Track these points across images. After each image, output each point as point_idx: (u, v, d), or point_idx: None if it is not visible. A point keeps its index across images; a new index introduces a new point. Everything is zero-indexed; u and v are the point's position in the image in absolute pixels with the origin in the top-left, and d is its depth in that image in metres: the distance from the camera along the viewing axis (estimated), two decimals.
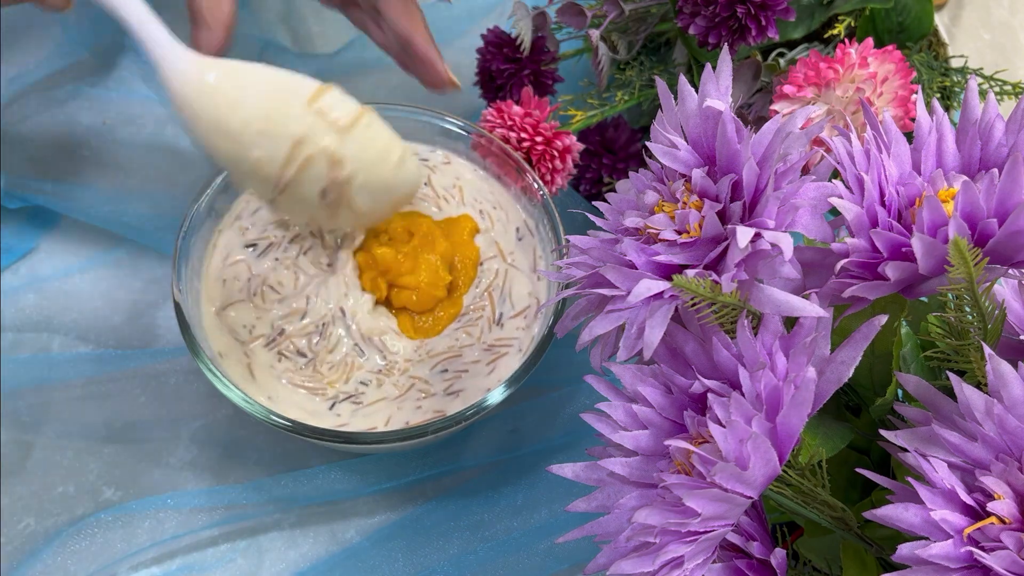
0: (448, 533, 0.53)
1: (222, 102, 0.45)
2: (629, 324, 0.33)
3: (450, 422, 0.47)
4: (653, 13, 0.61)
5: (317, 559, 0.53)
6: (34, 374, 0.56)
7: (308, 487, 0.54)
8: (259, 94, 0.46)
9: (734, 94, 0.56)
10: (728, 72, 0.35)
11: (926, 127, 0.34)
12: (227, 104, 0.45)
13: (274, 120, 0.46)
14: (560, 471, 0.34)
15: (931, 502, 0.28)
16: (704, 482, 0.30)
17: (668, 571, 0.30)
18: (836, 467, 0.37)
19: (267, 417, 0.47)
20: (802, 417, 0.29)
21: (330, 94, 0.47)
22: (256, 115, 0.46)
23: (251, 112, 0.45)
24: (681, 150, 0.35)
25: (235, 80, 0.46)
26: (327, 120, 0.47)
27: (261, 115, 0.46)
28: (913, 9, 0.60)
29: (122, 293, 0.60)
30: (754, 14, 0.52)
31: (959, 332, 0.32)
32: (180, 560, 0.53)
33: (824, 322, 0.31)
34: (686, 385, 0.33)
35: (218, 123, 0.45)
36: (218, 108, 0.45)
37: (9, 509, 0.53)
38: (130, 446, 0.55)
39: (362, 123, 0.48)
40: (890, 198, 0.32)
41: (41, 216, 0.62)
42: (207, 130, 0.46)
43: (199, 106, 0.45)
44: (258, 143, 0.46)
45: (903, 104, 0.53)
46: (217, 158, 0.47)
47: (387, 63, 0.65)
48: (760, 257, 0.32)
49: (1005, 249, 0.30)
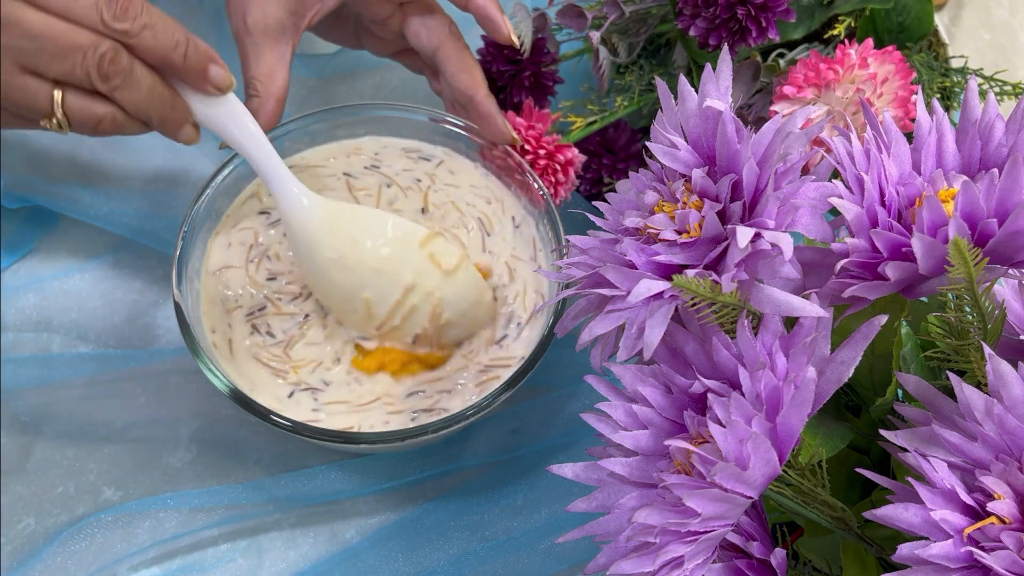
0: (448, 533, 0.53)
1: (344, 239, 0.49)
2: (629, 324, 0.33)
3: (450, 422, 0.47)
4: (653, 14, 0.61)
5: (317, 559, 0.53)
6: (34, 374, 0.56)
7: (308, 487, 0.54)
8: (379, 236, 0.49)
9: (734, 94, 0.56)
10: (728, 72, 0.35)
11: (926, 127, 0.34)
12: (348, 242, 0.49)
13: (391, 262, 0.49)
14: (560, 471, 0.34)
15: (931, 502, 0.28)
16: (704, 482, 0.30)
17: (668, 571, 0.30)
18: (836, 467, 0.37)
19: (267, 417, 0.47)
20: (802, 417, 0.29)
21: (440, 240, 0.50)
22: (374, 255, 0.49)
23: (369, 252, 0.49)
24: (681, 150, 0.35)
25: (357, 220, 0.49)
26: (437, 265, 0.50)
27: (379, 256, 0.49)
28: (913, 9, 0.60)
29: (122, 293, 0.60)
30: (754, 15, 0.52)
31: (959, 332, 0.32)
32: (180, 560, 0.53)
33: (824, 322, 0.31)
34: (686, 385, 0.33)
35: (336, 259, 0.49)
36: (339, 244, 0.49)
37: (9, 509, 0.53)
38: (130, 446, 0.55)
39: (463, 267, 0.51)
40: (890, 198, 0.32)
41: (41, 216, 0.62)
42: (322, 264, 0.49)
43: (320, 241, 0.49)
44: (371, 282, 0.49)
45: (903, 104, 0.53)
46: (326, 293, 0.50)
47: (387, 63, 0.66)
48: (760, 257, 0.32)
49: (1005, 249, 0.30)
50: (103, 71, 0.42)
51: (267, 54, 0.51)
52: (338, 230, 0.49)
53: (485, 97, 0.54)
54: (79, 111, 0.43)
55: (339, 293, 0.50)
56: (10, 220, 0.61)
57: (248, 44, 0.51)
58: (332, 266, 0.49)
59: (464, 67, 0.54)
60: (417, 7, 0.54)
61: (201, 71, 0.45)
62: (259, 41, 0.51)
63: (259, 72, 0.51)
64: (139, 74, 0.43)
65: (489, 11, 0.53)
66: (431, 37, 0.54)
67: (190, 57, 0.44)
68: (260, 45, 0.51)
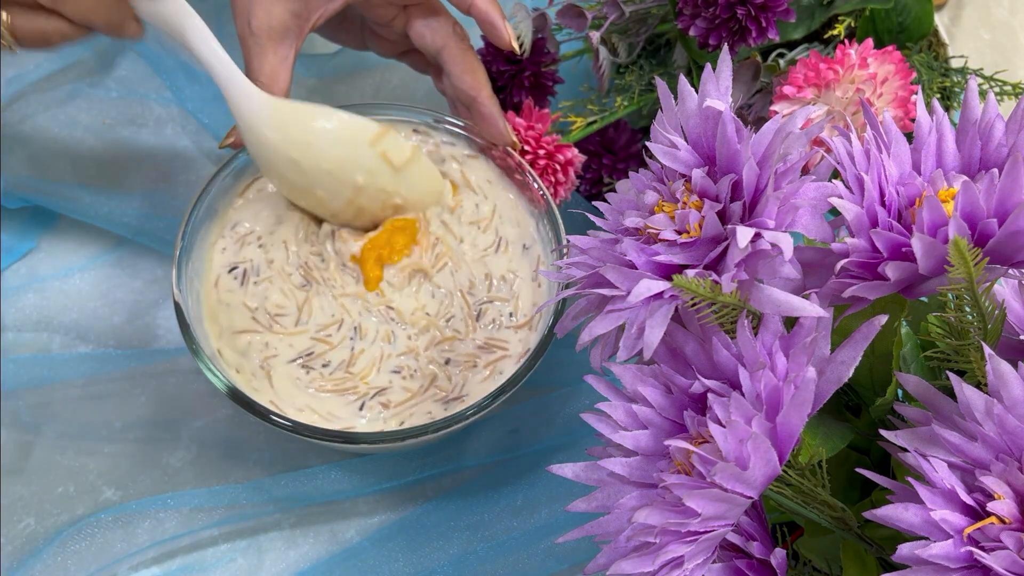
0: (448, 533, 0.53)
1: (296, 141, 0.50)
2: (629, 324, 0.33)
3: (450, 422, 0.47)
4: (653, 14, 0.61)
5: (317, 559, 0.53)
6: (34, 374, 0.56)
7: (308, 487, 0.54)
8: (329, 138, 0.50)
9: (734, 94, 0.56)
10: (728, 72, 0.35)
11: (926, 127, 0.34)
12: (300, 144, 0.50)
13: (343, 163, 0.51)
14: (560, 471, 0.34)
15: (931, 502, 0.28)
16: (704, 482, 0.30)
17: (668, 571, 0.30)
18: (836, 467, 0.37)
19: (267, 417, 0.47)
20: (802, 417, 0.29)
21: (390, 136, 0.51)
22: (326, 157, 0.50)
23: (321, 154, 0.50)
24: (681, 150, 0.35)
25: (308, 122, 0.50)
26: (388, 162, 0.51)
27: (331, 157, 0.50)
28: (913, 9, 0.60)
29: (122, 293, 0.60)
30: (754, 15, 0.52)
31: (959, 332, 0.32)
32: (180, 560, 0.53)
33: (824, 322, 0.31)
34: (686, 385, 0.33)
35: (289, 160, 0.50)
36: (291, 146, 0.50)
37: (9, 509, 0.53)
38: (130, 446, 0.55)
39: (414, 159, 0.52)
40: (890, 198, 0.32)
41: (41, 216, 0.62)
42: (276, 163, 0.50)
43: (272, 142, 0.50)
44: (324, 183, 0.51)
45: (903, 104, 0.53)
46: (281, 186, 0.52)
47: (387, 63, 0.66)
48: (760, 257, 0.32)
49: (1005, 249, 0.30)
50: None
51: (270, 56, 0.51)
52: (290, 131, 0.50)
53: (488, 98, 0.54)
54: (26, 29, 0.43)
55: (295, 189, 0.52)
56: (10, 220, 0.61)
57: (252, 45, 0.51)
58: (287, 167, 0.51)
59: (467, 68, 0.54)
60: (421, 9, 0.54)
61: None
62: (263, 43, 0.51)
63: (262, 73, 0.51)
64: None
65: (491, 16, 0.53)
66: (435, 38, 0.54)
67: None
68: (264, 47, 0.51)
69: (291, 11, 0.51)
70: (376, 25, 0.56)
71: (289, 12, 0.51)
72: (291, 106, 0.51)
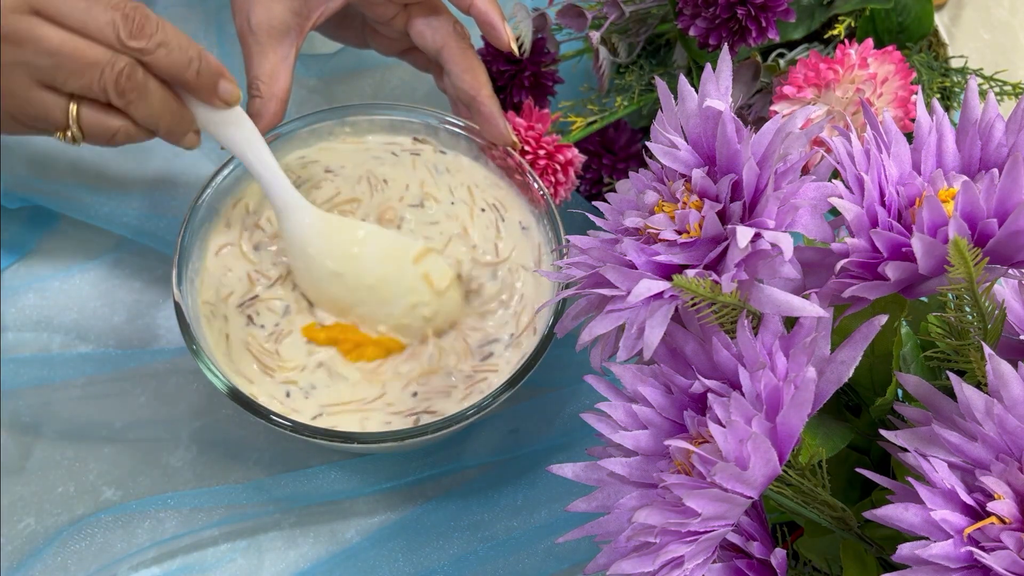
0: (448, 533, 0.53)
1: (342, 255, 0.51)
2: (629, 324, 0.33)
3: (450, 422, 0.47)
4: (653, 14, 0.61)
5: (317, 559, 0.53)
6: (34, 374, 0.56)
7: (308, 487, 0.54)
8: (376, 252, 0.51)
9: (734, 94, 0.56)
10: (728, 72, 0.35)
11: (926, 127, 0.34)
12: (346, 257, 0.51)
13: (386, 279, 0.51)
14: (560, 471, 0.34)
15: (931, 502, 0.28)
16: (704, 482, 0.30)
17: (668, 571, 0.30)
18: (836, 467, 0.37)
19: (267, 417, 0.47)
20: (802, 417, 0.29)
21: (433, 256, 0.52)
22: (371, 272, 0.51)
23: (367, 269, 0.51)
24: (681, 150, 0.35)
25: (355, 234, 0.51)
26: (430, 284, 0.51)
27: (376, 273, 0.51)
28: (913, 9, 0.60)
29: (122, 293, 0.60)
30: (754, 15, 0.52)
31: (959, 332, 0.32)
32: (180, 560, 0.53)
33: (824, 322, 0.31)
34: (686, 385, 0.33)
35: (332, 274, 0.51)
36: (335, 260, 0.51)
37: (9, 509, 0.53)
38: (130, 446, 0.55)
39: (453, 286, 0.52)
40: (890, 198, 0.32)
41: (41, 216, 0.62)
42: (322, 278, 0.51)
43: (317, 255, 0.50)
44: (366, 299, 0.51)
45: (903, 104, 0.53)
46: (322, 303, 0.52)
47: (387, 63, 0.66)
48: (760, 257, 0.32)
49: (1005, 249, 0.30)
50: (120, 87, 0.43)
51: (270, 54, 0.51)
52: (337, 244, 0.50)
53: (488, 98, 0.54)
54: (94, 124, 0.44)
55: (335, 305, 0.52)
56: (10, 220, 0.61)
57: (252, 44, 0.51)
58: (331, 281, 0.51)
59: (468, 67, 0.54)
60: (422, 7, 0.54)
61: (212, 87, 0.46)
62: (263, 41, 0.51)
63: (262, 72, 0.51)
64: (152, 89, 0.44)
65: (490, 17, 0.53)
66: (435, 37, 0.54)
67: (202, 74, 0.45)
68: (264, 45, 0.51)
69: (291, 9, 0.51)
70: (376, 23, 0.56)
71: (289, 10, 0.51)
72: (340, 221, 0.51)
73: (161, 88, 0.45)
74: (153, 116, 0.45)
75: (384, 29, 0.56)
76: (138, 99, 0.44)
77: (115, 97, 0.43)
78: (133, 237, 0.61)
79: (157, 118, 0.45)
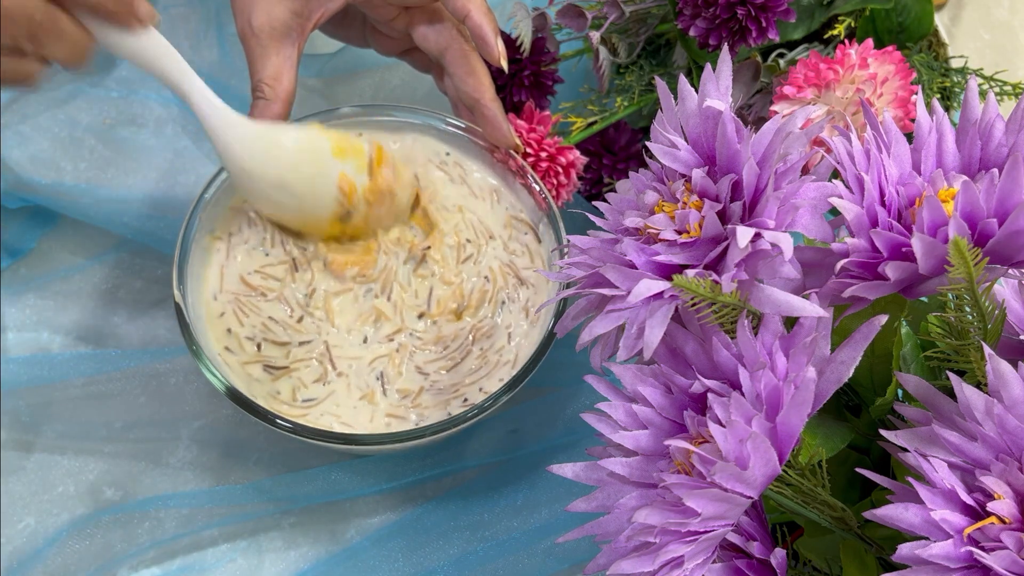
0: (448, 533, 0.53)
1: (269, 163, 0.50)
2: (629, 324, 0.33)
3: (451, 424, 0.47)
4: (653, 14, 0.61)
5: (317, 559, 0.53)
6: (34, 374, 0.56)
7: (308, 487, 0.54)
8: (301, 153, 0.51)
9: (734, 95, 0.56)
10: (728, 72, 0.35)
11: (926, 127, 0.34)
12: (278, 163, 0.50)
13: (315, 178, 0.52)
14: (560, 471, 0.34)
15: (931, 502, 0.28)
16: (704, 482, 0.30)
17: (668, 571, 0.30)
18: (836, 467, 0.37)
19: (268, 418, 0.47)
20: (802, 417, 0.29)
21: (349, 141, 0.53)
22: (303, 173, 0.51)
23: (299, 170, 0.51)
24: (681, 150, 0.35)
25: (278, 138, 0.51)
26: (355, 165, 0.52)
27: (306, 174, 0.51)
28: (913, 9, 0.60)
29: (122, 293, 0.60)
30: (754, 15, 0.52)
31: (959, 332, 0.32)
32: (180, 560, 0.53)
33: (824, 322, 0.31)
34: (686, 385, 0.33)
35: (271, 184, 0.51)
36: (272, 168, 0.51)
37: (9, 509, 0.53)
38: (130, 446, 0.55)
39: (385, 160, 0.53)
40: (890, 198, 0.32)
41: (41, 216, 0.62)
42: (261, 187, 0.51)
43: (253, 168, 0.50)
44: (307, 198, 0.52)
45: (903, 105, 0.53)
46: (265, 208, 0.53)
47: (387, 63, 0.65)
48: (760, 257, 0.32)
49: (1005, 249, 0.30)
50: (34, 36, 0.42)
51: (273, 56, 0.51)
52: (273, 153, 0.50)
53: (491, 101, 0.54)
54: (9, 71, 0.43)
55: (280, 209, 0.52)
56: (10, 220, 0.61)
57: (254, 46, 0.51)
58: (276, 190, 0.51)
59: (470, 70, 0.54)
60: (424, 10, 0.54)
61: (128, 11, 0.45)
62: (265, 43, 0.51)
63: (265, 74, 0.51)
64: (65, 30, 0.43)
65: (483, 31, 0.52)
66: (438, 39, 0.54)
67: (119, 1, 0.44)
68: (266, 47, 0.51)
69: (292, 10, 0.51)
70: (378, 23, 0.56)
71: (290, 11, 0.51)
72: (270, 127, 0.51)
73: (72, 24, 0.43)
74: (65, 56, 0.44)
75: (385, 29, 0.56)
76: (51, 42, 0.43)
77: (28, 45, 0.42)
78: (133, 237, 0.61)
79: (70, 56, 0.44)
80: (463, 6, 0.52)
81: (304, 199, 0.51)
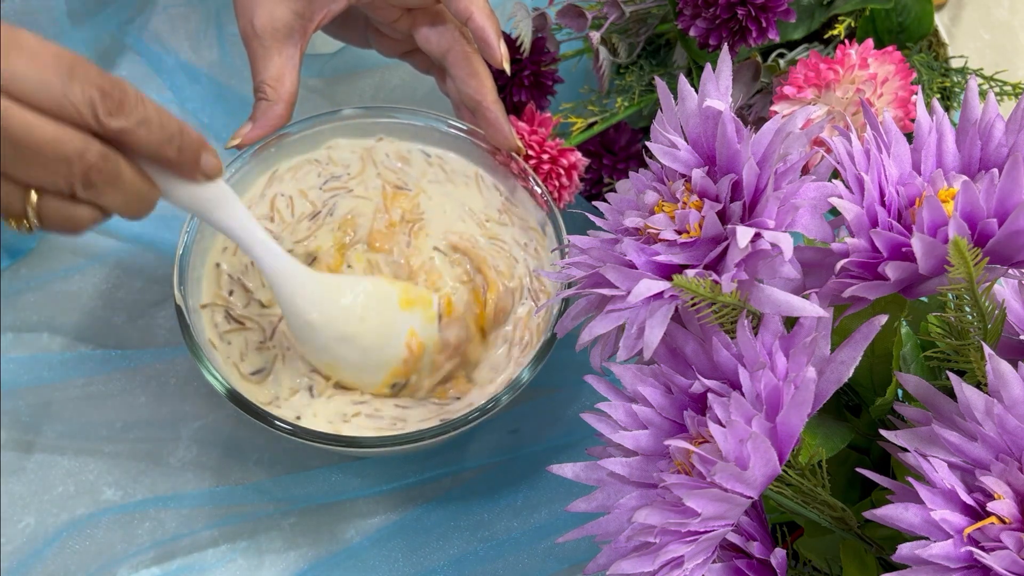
0: (448, 533, 0.53)
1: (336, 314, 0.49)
2: (629, 324, 0.33)
3: (452, 426, 0.47)
4: (653, 14, 0.61)
5: (317, 559, 0.53)
6: (34, 374, 0.56)
7: (308, 488, 0.54)
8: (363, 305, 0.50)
9: (734, 95, 0.56)
10: (728, 72, 0.35)
11: (926, 127, 0.34)
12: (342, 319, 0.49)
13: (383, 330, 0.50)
14: (560, 471, 0.34)
15: (931, 502, 0.28)
16: (704, 482, 0.30)
17: (668, 571, 0.30)
18: (836, 467, 0.37)
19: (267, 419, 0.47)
20: (802, 417, 0.29)
21: (414, 290, 0.52)
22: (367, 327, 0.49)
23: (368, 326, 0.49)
24: (681, 150, 0.35)
25: (343, 292, 0.49)
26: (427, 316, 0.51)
27: (371, 327, 0.50)
28: (913, 9, 0.60)
29: (122, 293, 0.60)
30: (754, 15, 0.52)
31: (959, 332, 0.32)
32: (180, 560, 0.53)
33: (824, 322, 0.31)
34: (686, 385, 0.33)
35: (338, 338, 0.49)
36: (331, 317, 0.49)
37: (9, 509, 0.53)
38: (130, 446, 0.55)
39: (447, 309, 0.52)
40: (890, 198, 0.32)
41: None
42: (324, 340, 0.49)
43: (312, 317, 0.48)
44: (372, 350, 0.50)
45: (903, 105, 0.53)
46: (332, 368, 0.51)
47: (387, 63, 0.65)
48: (760, 257, 0.32)
49: (1005, 249, 0.30)
50: (88, 180, 0.37)
51: (276, 57, 0.51)
52: (335, 305, 0.49)
53: (493, 103, 0.54)
54: (55, 215, 0.38)
55: (345, 367, 0.50)
56: None
57: (256, 47, 0.51)
58: (339, 344, 0.49)
59: (472, 72, 0.54)
60: (427, 12, 0.54)
61: (194, 162, 0.41)
62: (267, 44, 0.51)
63: (268, 75, 0.51)
64: (125, 175, 0.39)
65: (486, 33, 0.52)
66: (440, 41, 0.54)
67: (184, 150, 0.40)
68: (268, 48, 0.51)
69: (294, 11, 0.51)
70: (380, 24, 0.56)
71: (292, 12, 0.51)
72: (333, 279, 0.50)
73: (132, 171, 0.39)
74: (121, 204, 0.39)
75: (388, 30, 0.56)
76: (108, 188, 0.38)
77: (82, 191, 0.37)
78: (133, 237, 0.61)
79: (125, 205, 0.40)
80: (465, 8, 0.52)
81: (369, 353, 0.50)
